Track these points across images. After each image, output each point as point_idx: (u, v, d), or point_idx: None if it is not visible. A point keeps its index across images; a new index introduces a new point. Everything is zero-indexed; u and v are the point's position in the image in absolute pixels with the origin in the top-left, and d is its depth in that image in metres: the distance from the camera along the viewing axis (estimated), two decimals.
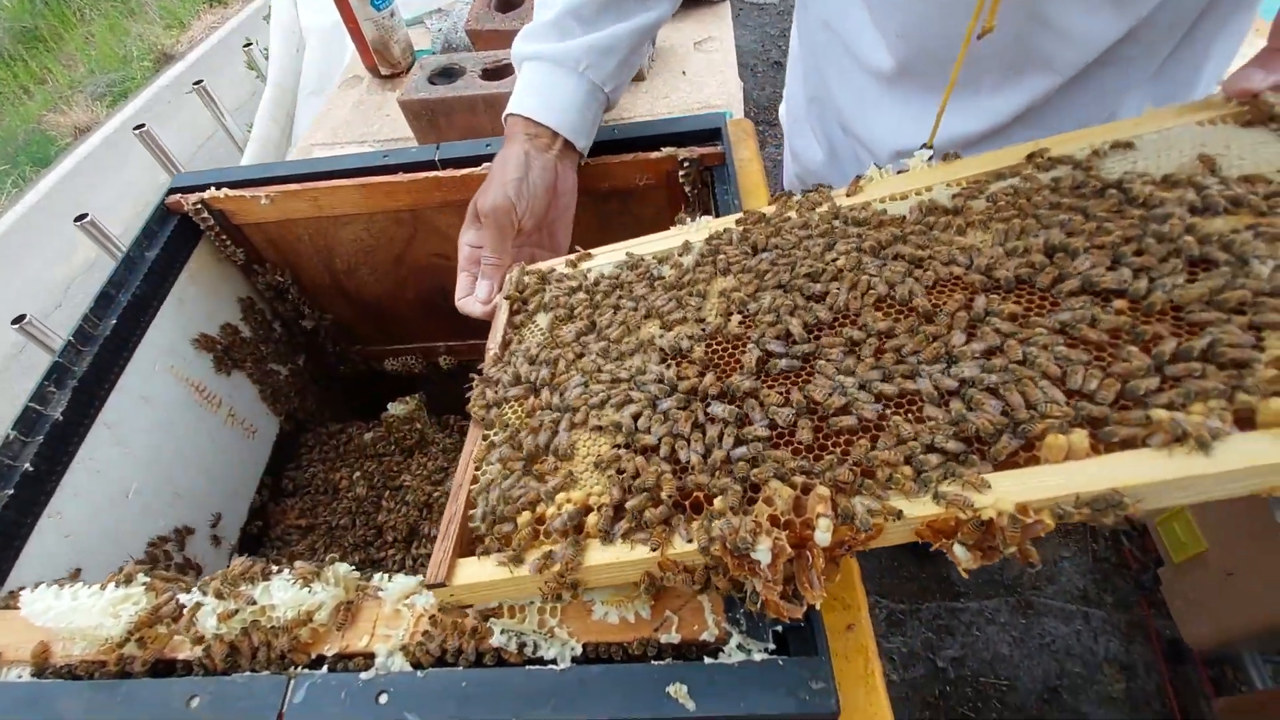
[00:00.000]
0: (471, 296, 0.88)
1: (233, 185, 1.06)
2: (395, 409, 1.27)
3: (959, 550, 0.47)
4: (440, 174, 1.03)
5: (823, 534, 0.48)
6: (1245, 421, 0.46)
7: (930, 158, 0.75)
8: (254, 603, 0.61)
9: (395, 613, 0.62)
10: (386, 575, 0.64)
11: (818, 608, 0.53)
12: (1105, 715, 1.74)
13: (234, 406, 1.17)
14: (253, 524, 1.17)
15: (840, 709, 0.51)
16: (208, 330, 1.12)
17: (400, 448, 1.29)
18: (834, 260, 0.66)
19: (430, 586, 0.58)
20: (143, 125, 1.80)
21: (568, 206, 0.96)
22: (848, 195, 0.75)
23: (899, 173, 0.76)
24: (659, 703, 0.52)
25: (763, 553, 0.48)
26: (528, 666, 0.57)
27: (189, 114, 4.59)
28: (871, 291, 0.62)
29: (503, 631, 0.58)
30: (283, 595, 0.62)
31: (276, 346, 1.27)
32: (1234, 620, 1.57)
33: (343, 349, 1.39)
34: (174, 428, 1.04)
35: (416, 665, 0.58)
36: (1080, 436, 0.48)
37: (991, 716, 1.77)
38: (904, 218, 0.70)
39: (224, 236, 1.11)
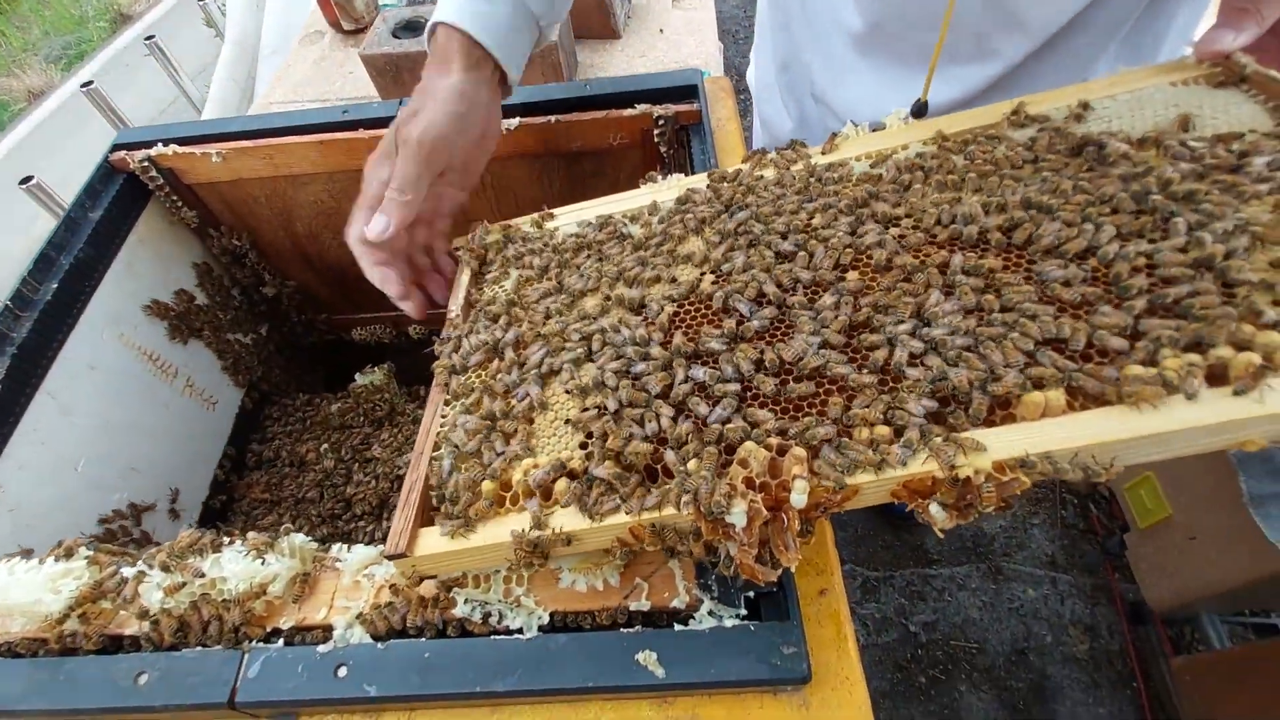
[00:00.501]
0: (359, 227, 0.73)
1: (182, 142, 1.00)
2: (364, 379, 1.24)
3: (935, 510, 0.46)
4: None
5: (799, 496, 0.46)
6: (1218, 378, 0.45)
7: (906, 117, 0.74)
8: (202, 575, 0.59)
9: (355, 584, 0.60)
10: (345, 546, 0.61)
11: (793, 570, 0.52)
12: (1069, 674, 1.79)
13: (192, 377, 1.12)
14: (215, 498, 1.14)
15: (812, 674, 0.50)
16: (160, 296, 1.07)
17: (369, 419, 1.25)
18: (809, 219, 0.64)
19: (391, 558, 0.56)
20: (90, 83, 1.70)
21: (491, 147, 0.82)
22: (823, 153, 0.73)
23: (874, 130, 0.74)
24: (628, 671, 0.51)
25: (738, 516, 0.46)
26: (493, 637, 0.55)
27: (147, 77, 4.38)
28: (848, 250, 0.60)
29: (466, 601, 0.56)
30: (234, 567, 0.59)
31: (236, 314, 1.22)
32: (1195, 582, 1.61)
33: (308, 318, 1.34)
34: (125, 398, 0.99)
35: (377, 637, 0.56)
36: (1057, 394, 0.47)
37: (961, 678, 1.81)
38: (880, 175, 0.68)
39: (175, 197, 1.05)
